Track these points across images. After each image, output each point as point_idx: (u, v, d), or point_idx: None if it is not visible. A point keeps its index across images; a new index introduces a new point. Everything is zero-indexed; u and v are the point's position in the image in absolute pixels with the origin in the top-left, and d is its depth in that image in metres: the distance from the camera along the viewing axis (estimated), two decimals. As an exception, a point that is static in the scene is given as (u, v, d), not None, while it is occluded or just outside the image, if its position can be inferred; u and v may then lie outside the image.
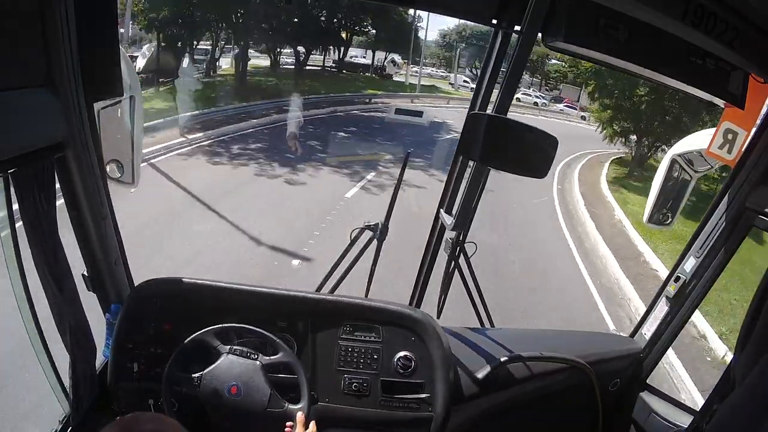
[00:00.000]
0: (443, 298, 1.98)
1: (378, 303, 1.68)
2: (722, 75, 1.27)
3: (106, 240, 1.47)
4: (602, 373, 1.82)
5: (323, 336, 1.65)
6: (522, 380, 1.72)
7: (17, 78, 1.04)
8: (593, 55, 1.25)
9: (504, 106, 1.26)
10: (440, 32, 41.29)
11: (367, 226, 1.94)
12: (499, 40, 1.41)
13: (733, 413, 1.17)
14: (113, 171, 1.66)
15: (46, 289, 1.27)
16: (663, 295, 1.81)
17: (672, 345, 1.88)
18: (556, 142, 1.15)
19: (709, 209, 1.65)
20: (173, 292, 1.63)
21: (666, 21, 1.13)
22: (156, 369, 1.57)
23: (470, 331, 1.92)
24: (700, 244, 1.67)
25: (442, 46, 41.81)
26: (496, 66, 1.47)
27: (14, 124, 1.03)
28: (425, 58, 39.03)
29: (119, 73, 1.31)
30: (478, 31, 36.77)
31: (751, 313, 1.23)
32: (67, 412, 1.47)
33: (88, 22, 1.16)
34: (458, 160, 1.69)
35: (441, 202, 1.77)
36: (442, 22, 47.12)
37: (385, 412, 1.61)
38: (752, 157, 1.50)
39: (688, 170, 2.09)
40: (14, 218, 1.25)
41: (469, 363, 1.71)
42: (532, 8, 1.10)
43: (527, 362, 1.74)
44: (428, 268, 1.94)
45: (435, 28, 42.18)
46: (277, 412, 1.48)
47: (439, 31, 42.92)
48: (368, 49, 30.87)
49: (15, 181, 1.12)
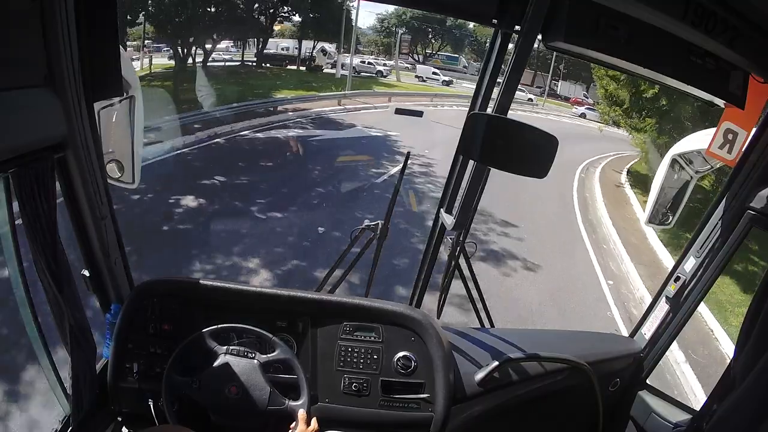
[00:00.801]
0: (443, 298, 1.98)
1: (378, 303, 1.68)
2: (722, 75, 1.27)
3: (106, 240, 1.47)
4: (602, 373, 1.82)
5: (323, 336, 1.65)
6: (522, 380, 1.72)
7: (17, 78, 1.04)
8: (593, 55, 1.25)
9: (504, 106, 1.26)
10: (378, 17, 39.22)
11: (367, 226, 1.94)
12: (499, 40, 1.41)
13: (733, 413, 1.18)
14: (113, 171, 1.66)
15: (46, 289, 1.26)
16: (663, 295, 1.81)
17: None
18: (556, 142, 1.16)
19: (709, 209, 1.65)
20: (173, 292, 1.63)
21: (666, 21, 1.13)
22: (156, 369, 1.57)
23: (470, 331, 1.92)
24: (700, 244, 1.67)
25: (380, 32, 38.77)
26: (496, 66, 1.47)
27: (14, 124, 1.03)
28: (361, 45, 36.31)
29: (119, 73, 1.31)
30: (419, 14, 34.66)
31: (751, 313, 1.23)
32: (67, 412, 1.47)
33: (88, 22, 1.16)
34: (458, 160, 1.69)
35: (441, 202, 1.77)
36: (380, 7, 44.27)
37: (385, 412, 1.61)
38: (752, 157, 1.50)
39: (688, 170, 2.09)
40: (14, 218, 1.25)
41: (469, 363, 1.71)
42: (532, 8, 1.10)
43: (527, 362, 1.74)
44: (428, 268, 1.94)
45: (372, 12, 39.28)
46: (278, 411, 1.48)
47: (376, 16, 40.56)
48: (298, 39, 27.05)
49: (15, 181, 1.12)
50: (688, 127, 9.69)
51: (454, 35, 39.26)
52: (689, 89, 1.34)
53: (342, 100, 18.25)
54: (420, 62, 36.83)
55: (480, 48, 38.90)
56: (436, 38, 39.68)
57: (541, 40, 1.21)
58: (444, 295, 1.97)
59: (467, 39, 39.93)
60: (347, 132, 14.00)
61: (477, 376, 1.67)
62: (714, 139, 1.63)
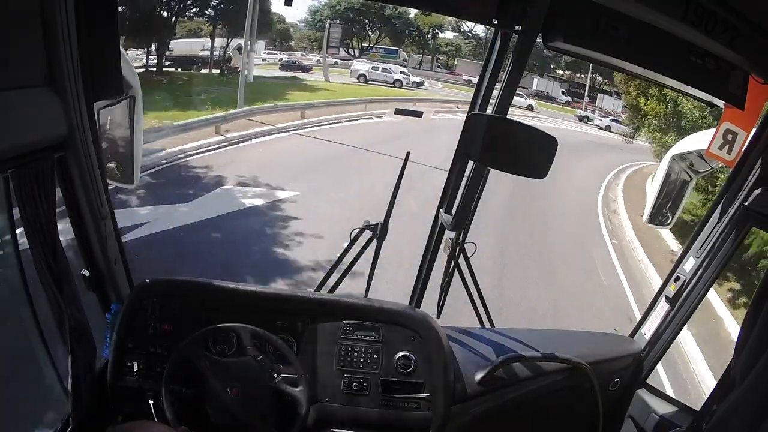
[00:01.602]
0: (443, 298, 1.98)
1: (378, 303, 1.68)
2: (722, 75, 1.28)
3: (106, 240, 1.47)
4: (602, 373, 1.82)
5: (323, 336, 1.65)
6: (522, 380, 1.72)
7: (17, 77, 1.04)
8: (593, 55, 1.25)
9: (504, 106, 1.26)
10: (310, 9, 33.33)
11: (367, 226, 1.94)
12: (499, 40, 1.41)
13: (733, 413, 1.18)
14: (113, 171, 1.66)
15: (46, 289, 1.26)
16: (663, 295, 1.81)
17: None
18: (556, 143, 1.16)
19: (709, 209, 1.65)
20: (173, 292, 1.63)
21: (666, 21, 1.13)
22: (156, 369, 1.57)
23: (470, 331, 1.92)
24: (700, 244, 1.67)
25: (312, 26, 33.93)
26: (496, 66, 1.47)
27: (14, 123, 1.03)
28: (293, 41, 33.41)
29: (119, 73, 1.32)
30: (354, 4, 31.38)
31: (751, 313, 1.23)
32: (67, 412, 1.47)
33: (88, 22, 1.16)
34: (458, 160, 1.69)
35: (441, 202, 1.77)
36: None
37: (385, 412, 1.61)
38: (752, 157, 1.50)
39: (687, 171, 2.10)
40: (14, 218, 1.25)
41: (469, 363, 1.71)
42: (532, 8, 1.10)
43: (527, 362, 1.74)
44: (428, 268, 1.94)
45: (303, 4, 31.71)
46: (278, 411, 1.48)
47: (308, 8, 33.12)
48: (210, 36, 22.28)
49: (15, 181, 1.12)
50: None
51: (394, 26, 34.70)
52: (689, 89, 1.34)
53: (222, 127, 11.11)
54: (356, 56, 32.88)
55: (422, 39, 35.75)
56: (373, 30, 34.89)
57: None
58: (444, 295, 1.97)
59: (407, 30, 35.62)
60: (191, 209, 6.76)
61: (477, 376, 1.67)
62: (714, 140, 1.63)
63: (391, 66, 28.12)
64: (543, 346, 1.80)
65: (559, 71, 36.83)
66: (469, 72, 32.29)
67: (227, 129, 11.38)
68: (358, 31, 34.07)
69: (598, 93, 35.15)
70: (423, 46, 35.98)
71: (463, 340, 1.81)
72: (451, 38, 36.59)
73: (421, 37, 35.94)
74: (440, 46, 36.38)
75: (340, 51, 32.74)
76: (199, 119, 11.17)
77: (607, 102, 33.73)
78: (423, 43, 35.83)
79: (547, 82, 35.20)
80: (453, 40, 36.36)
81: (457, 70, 34.14)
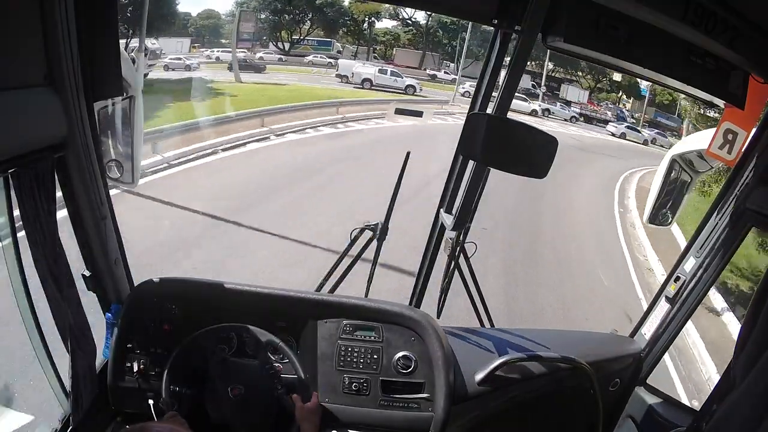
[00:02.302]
0: (443, 298, 1.98)
1: (378, 303, 1.68)
2: (722, 75, 1.28)
3: (106, 240, 1.47)
4: (602, 373, 1.82)
5: (323, 336, 1.65)
6: (522, 380, 1.72)
7: (17, 77, 1.04)
8: (593, 55, 1.25)
9: (504, 106, 1.26)
10: (236, 1, 29.10)
11: (367, 226, 1.94)
12: (498, 40, 1.41)
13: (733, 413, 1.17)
14: (113, 171, 1.66)
15: (46, 289, 1.26)
16: (663, 295, 1.81)
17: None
18: (556, 143, 1.16)
19: (709, 209, 1.64)
20: (173, 292, 1.63)
21: (666, 21, 1.13)
22: (156, 369, 1.57)
23: (470, 331, 1.92)
24: (700, 244, 1.67)
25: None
26: (496, 66, 1.47)
27: (14, 123, 1.03)
28: (223, 38, 27.52)
29: (119, 73, 1.32)
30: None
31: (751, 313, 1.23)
32: (67, 412, 1.47)
33: (88, 22, 1.16)
34: (458, 160, 1.69)
35: (441, 202, 1.77)
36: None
37: (385, 412, 1.61)
38: (752, 157, 1.50)
39: (687, 171, 2.10)
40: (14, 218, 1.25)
41: (469, 363, 1.71)
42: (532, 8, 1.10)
43: (527, 362, 1.74)
44: (428, 268, 1.94)
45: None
46: (278, 411, 1.48)
47: (234, 1, 29.43)
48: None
49: (15, 181, 1.12)
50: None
51: (326, 15, 31.23)
52: (689, 89, 1.34)
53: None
54: (285, 51, 29.77)
55: (357, 29, 31.70)
56: (304, 20, 31.38)
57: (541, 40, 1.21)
58: (444, 295, 1.97)
59: (341, 19, 31.75)
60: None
61: (477, 376, 1.67)
62: (714, 140, 1.63)
63: (392, 69, 25.20)
64: (543, 346, 1.80)
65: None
66: (408, 62, 29.64)
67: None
68: (287, 23, 30.73)
69: (562, 83, 32.33)
70: (358, 36, 32.32)
71: (463, 340, 1.81)
72: (390, 27, 32.86)
73: (357, 26, 32.33)
74: (377, 35, 32.77)
75: (270, 45, 29.36)
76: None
77: (572, 93, 30.82)
78: (358, 33, 32.23)
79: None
80: (391, 29, 32.81)
81: (395, 61, 30.38)
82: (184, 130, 9.74)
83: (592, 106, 30.60)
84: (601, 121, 27.35)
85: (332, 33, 32.15)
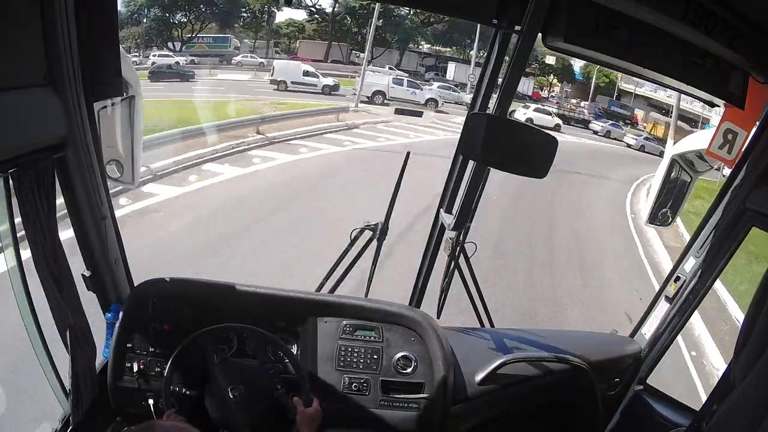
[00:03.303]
0: (443, 298, 1.98)
1: (378, 303, 1.68)
2: (722, 75, 1.28)
3: (106, 240, 1.47)
4: (602, 373, 1.82)
5: (323, 336, 1.65)
6: (522, 380, 1.72)
7: (17, 78, 1.04)
8: (593, 55, 1.25)
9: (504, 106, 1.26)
10: (123, 1, 26.49)
11: (367, 226, 1.94)
12: (498, 40, 1.41)
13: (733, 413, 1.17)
14: (113, 171, 1.66)
15: (46, 289, 1.26)
16: (663, 295, 1.81)
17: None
18: (556, 143, 1.16)
19: (709, 209, 1.64)
20: (173, 292, 1.63)
21: (666, 21, 1.14)
22: (156, 369, 1.57)
23: (470, 331, 1.92)
24: (700, 244, 1.67)
25: (129, 21, 26.83)
26: (496, 66, 1.47)
27: (14, 123, 1.03)
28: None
29: (119, 73, 1.31)
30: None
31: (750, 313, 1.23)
32: (67, 412, 1.47)
33: (88, 22, 1.16)
34: (458, 160, 1.69)
35: (441, 202, 1.77)
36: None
37: (385, 412, 1.61)
38: (752, 157, 1.50)
39: (688, 170, 2.09)
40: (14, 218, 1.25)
41: (469, 363, 1.71)
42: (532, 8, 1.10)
43: (527, 362, 1.74)
44: (428, 268, 1.94)
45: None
46: (278, 411, 1.48)
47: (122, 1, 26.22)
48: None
49: (15, 181, 1.12)
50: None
51: (219, 8, 28.56)
52: (689, 89, 1.34)
53: None
54: (177, 51, 26.74)
55: (255, 21, 29.46)
56: (197, 16, 28.44)
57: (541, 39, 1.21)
58: (444, 295, 1.97)
59: (236, 11, 29.21)
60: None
61: (477, 376, 1.67)
62: (714, 139, 1.63)
63: (405, 78, 21.52)
64: (543, 347, 1.80)
65: (425, 45, 31.62)
66: (313, 54, 27.19)
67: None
68: (179, 21, 28.04)
69: (449, 62, 29.79)
70: (257, 29, 29.45)
71: (463, 340, 1.81)
72: (294, 18, 30.49)
73: (254, 18, 29.57)
74: (280, 27, 30.17)
75: (154, 48, 26.31)
76: None
77: (459, 71, 27.89)
78: (256, 26, 29.32)
79: (410, 59, 29.74)
80: (294, 21, 30.42)
81: (299, 54, 27.88)
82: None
83: (536, 97, 29.09)
84: (578, 122, 25.38)
85: (227, 28, 29.23)
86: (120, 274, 1.59)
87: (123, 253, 1.59)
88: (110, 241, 1.49)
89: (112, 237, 1.51)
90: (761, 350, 1.12)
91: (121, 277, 1.60)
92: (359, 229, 1.96)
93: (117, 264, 1.56)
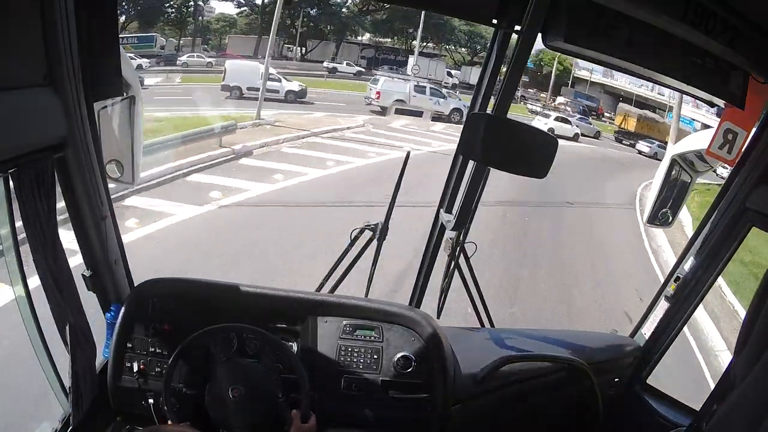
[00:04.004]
0: (443, 298, 1.98)
1: (378, 303, 1.68)
2: (722, 75, 1.28)
3: (106, 240, 1.47)
4: (602, 373, 1.82)
5: (323, 336, 1.65)
6: (522, 380, 1.72)
7: (17, 78, 1.04)
8: (594, 55, 1.25)
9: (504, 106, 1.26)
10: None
11: (367, 226, 1.94)
12: (498, 40, 1.41)
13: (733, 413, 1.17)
14: (113, 171, 1.66)
15: (46, 289, 1.26)
16: (663, 295, 1.81)
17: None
18: (556, 143, 1.16)
19: (709, 209, 1.65)
20: (173, 292, 1.63)
21: (666, 21, 1.14)
22: (156, 369, 1.57)
23: (470, 331, 1.92)
24: (700, 244, 1.67)
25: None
26: (496, 66, 1.47)
27: (14, 123, 1.03)
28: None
29: (119, 73, 1.32)
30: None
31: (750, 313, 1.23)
32: (67, 412, 1.47)
33: (88, 22, 1.16)
34: (458, 160, 1.69)
35: (441, 202, 1.77)
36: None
37: (385, 412, 1.61)
38: (752, 157, 1.50)
39: (688, 170, 2.09)
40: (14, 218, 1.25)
41: (469, 363, 1.71)
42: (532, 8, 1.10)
43: (527, 362, 1.74)
44: (428, 268, 1.94)
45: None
46: (278, 412, 1.48)
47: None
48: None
49: (15, 181, 1.12)
50: None
51: (140, 5, 25.41)
52: (689, 89, 1.34)
53: None
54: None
55: (180, 17, 26.42)
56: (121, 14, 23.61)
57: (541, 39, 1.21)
58: (444, 295, 1.97)
59: (160, 7, 26.31)
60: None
61: (477, 376, 1.67)
62: (714, 139, 1.63)
63: (428, 86, 18.46)
64: (543, 346, 1.80)
65: (366, 35, 29.63)
66: (244, 50, 25.03)
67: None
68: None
69: (431, 59, 27.33)
70: (182, 25, 26.77)
71: (463, 340, 1.81)
72: (223, 14, 28.16)
73: (179, 14, 26.99)
74: (210, 23, 28.11)
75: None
76: None
77: (439, 69, 25.78)
78: (181, 23, 26.62)
79: (350, 51, 27.25)
80: (225, 15, 28.26)
81: (228, 50, 26.04)
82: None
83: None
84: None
85: (150, 26, 25.99)
86: (120, 274, 1.59)
87: (123, 253, 1.59)
88: (110, 241, 1.49)
89: (112, 237, 1.51)
90: (761, 350, 1.12)
91: (121, 277, 1.60)
92: (359, 229, 1.96)
93: (117, 264, 1.56)
